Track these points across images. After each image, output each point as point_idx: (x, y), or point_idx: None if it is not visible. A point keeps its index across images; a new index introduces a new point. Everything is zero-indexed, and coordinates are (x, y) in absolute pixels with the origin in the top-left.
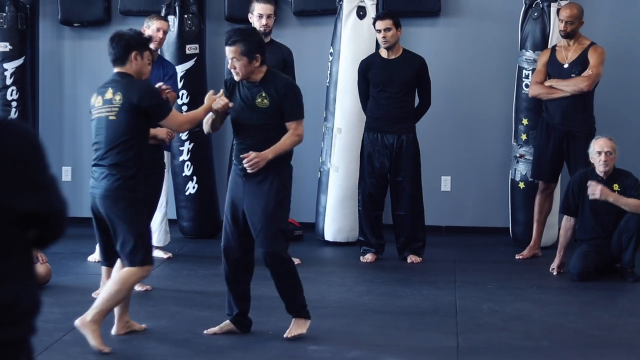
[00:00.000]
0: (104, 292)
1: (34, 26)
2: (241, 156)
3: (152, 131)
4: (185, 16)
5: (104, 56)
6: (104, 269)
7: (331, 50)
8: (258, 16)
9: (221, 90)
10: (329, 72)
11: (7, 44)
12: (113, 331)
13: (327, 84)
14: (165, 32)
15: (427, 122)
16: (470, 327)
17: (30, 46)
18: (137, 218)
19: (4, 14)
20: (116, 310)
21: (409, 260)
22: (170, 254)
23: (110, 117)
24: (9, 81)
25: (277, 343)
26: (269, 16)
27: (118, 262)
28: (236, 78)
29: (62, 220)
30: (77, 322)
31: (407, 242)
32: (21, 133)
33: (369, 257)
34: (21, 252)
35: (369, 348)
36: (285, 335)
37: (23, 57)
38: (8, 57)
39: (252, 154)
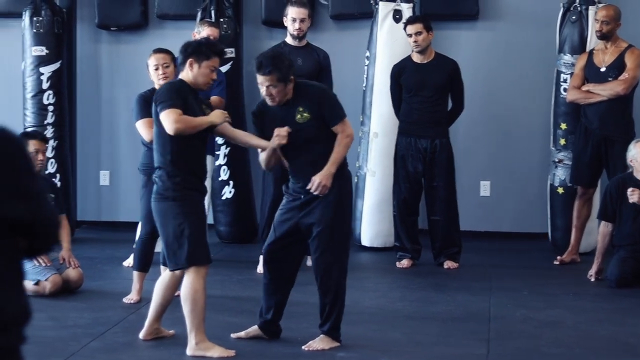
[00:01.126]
0: (186, 316)
1: (71, 30)
2: (307, 188)
3: None
4: (222, 20)
5: (141, 60)
6: (135, 273)
7: (367, 54)
8: (292, 20)
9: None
10: (365, 76)
11: (43, 48)
12: (141, 335)
13: (364, 88)
14: (215, 39)
15: (466, 127)
16: (502, 334)
17: (67, 50)
18: (178, 219)
19: (40, 18)
20: (150, 314)
21: (445, 266)
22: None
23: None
24: (45, 85)
25: (306, 350)
26: (302, 20)
27: (163, 273)
28: (271, 104)
29: (51, 230)
30: (188, 352)
31: (442, 248)
32: (10, 140)
33: (404, 263)
34: (8, 260)
35: (398, 355)
36: (303, 347)
37: (60, 61)
38: (44, 61)
39: (315, 181)
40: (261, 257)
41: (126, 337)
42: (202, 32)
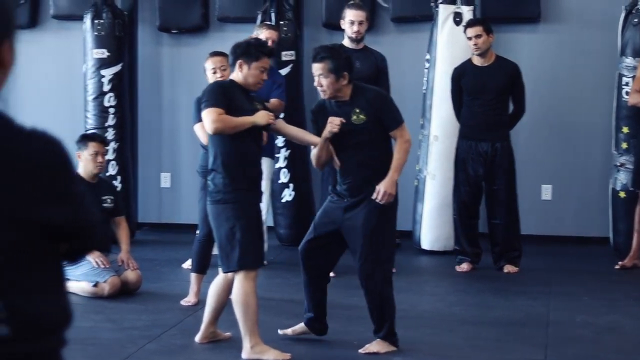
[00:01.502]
0: (238, 320)
1: (132, 33)
2: (372, 197)
3: None
4: (281, 22)
5: (201, 62)
6: (193, 275)
7: (427, 56)
8: (349, 22)
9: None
10: (425, 79)
11: (104, 50)
12: (197, 338)
13: (424, 91)
14: (274, 42)
15: (527, 130)
16: (561, 339)
17: (128, 53)
18: (230, 222)
19: (102, 21)
20: (205, 318)
21: (505, 270)
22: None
23: None
24: (106, 87)
25: (361, 354)
26: (360, 23)
27: (219, 275)
28: (323, 96)
29: (91, 234)
30: (244, 356)
31: (502, 251)
32: (49, 143)
33: (464, 267)
34: (48, 264)
35: (455, 359)
36: (359, 350)
37: (121, 64)
38: (106, 63)
39: (380, 190)
40: None
41: (183, 340)
42: (261, 34)
